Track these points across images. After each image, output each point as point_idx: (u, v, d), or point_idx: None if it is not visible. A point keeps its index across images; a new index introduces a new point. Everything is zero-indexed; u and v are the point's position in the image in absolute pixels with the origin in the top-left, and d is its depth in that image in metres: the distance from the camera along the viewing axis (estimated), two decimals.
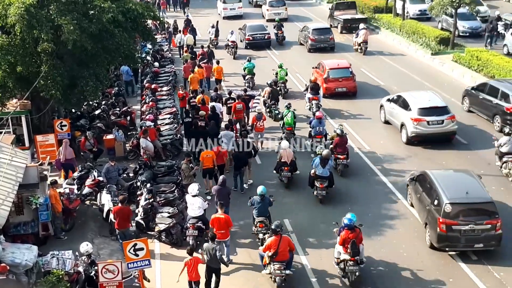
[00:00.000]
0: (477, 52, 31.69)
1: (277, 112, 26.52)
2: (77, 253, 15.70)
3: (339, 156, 21.35)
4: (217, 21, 42.36)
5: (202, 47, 36.71)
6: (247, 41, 39.50)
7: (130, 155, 23.75)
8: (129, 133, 25.72)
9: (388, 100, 25.92)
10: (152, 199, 18.37)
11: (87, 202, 20.03)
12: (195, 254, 14.88)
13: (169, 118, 25.86)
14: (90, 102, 25.40)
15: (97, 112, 26.36)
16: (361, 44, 37.01)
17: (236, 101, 25.43)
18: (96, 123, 25.35)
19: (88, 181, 20.02)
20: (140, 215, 18.23)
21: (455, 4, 33.96)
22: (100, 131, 24.80)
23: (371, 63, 35.17)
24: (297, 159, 21.21)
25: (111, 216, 17.58)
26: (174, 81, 32.09)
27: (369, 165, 22.41)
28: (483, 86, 26.07)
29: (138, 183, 19.87)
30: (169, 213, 17.98)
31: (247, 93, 26.93)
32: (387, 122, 25.86)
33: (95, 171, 20.36)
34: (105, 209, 18.54)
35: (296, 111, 25.23)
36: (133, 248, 14.28)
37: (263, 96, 27.55)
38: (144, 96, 29.03)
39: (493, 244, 16.17)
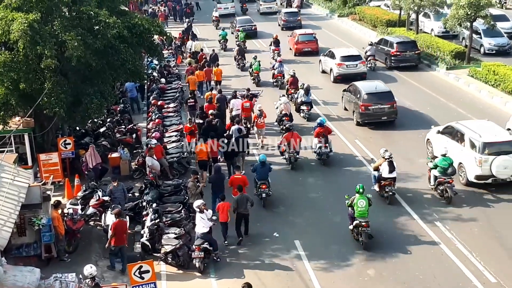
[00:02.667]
0: (494, 67, 31.57)
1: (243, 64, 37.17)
2: (80, 276, 15.61)
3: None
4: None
5: (202, 50, 40.60)
6: (237, 32, 46.00)
7: (136, 174, 23.75)
8: (134, 151, 25.73)
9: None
10: (158, 220, 18.30)
11: (91, 223, 20.00)
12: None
13: (175, 136, 25.88)
14: (95, 120, 25.37)
15: (102, 129, 26.43)
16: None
17: (244, 100, 27.68)
18: (101, 141, 25.42)
19: (92, 201, 20.03)
20: (146, 236, 18.15)
21: (470, 18, 33.91)
22: (105, 149, 24.84)
23: (383, 79, 34.86)
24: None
25: (109, 232, 17.38)
26: (181, 98, 32.19)
27: None
28: None
29: (144, 203, 19.85)
30: (175, 234, 17.90)
31: (250, 92, 28.94)
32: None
33: (100, 191, 20.36)
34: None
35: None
36: (138, 270, 14.21)
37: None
38: (150, 113, 29.10)
39: (393, 117, 27.19)
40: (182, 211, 19.16)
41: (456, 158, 21.20)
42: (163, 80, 34.46)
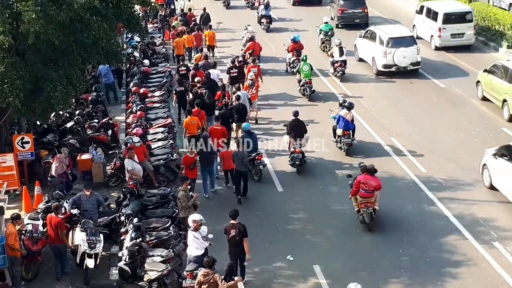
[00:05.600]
0: None
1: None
2: None
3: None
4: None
5: (190, 9, 42.43)
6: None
7: (112, 180, 23.81)
8: (110, 152, 25.82)
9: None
10: (140, 239, 18.33)
11: None
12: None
13: (162, 133, 25.89)
14: (60, 112, 25.48)
15: (69, 124, 26.51)
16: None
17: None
18: (68, 139, 25.44)
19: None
20: (125, 260, 18.17)
21: None
22: (72, 150, 24.82)
23: (426, 60, 35.10)
24: None
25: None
26: (169, 84, 32.25)
27: (425, 194, 22.34)
28: None
29: (122, 218, 19.86)
30: (162, 256, 17.93)
31: (240, 60, 31.94)
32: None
33: (66, 202, 20.40)
34: (79, 252, 18.53)
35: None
36: None
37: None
38: (131, 104, 29.16)
39: (364, 21, 41.41)
40: (171, 228, 19.17)
41: (370, 54, 34.33)
42: (146, 61, 34.55)
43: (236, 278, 15.97)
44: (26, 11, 19.19)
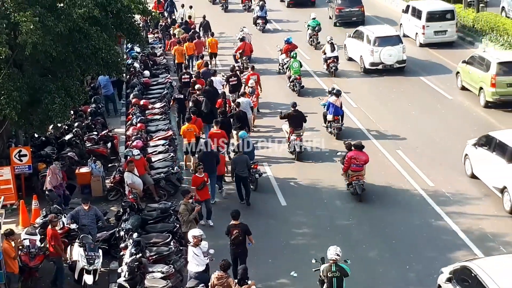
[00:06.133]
0: None
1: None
2: None
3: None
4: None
5: (190, 17, 43.47)
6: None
7: (111, 194, 23.73)
8: (109, 165, 25.78)
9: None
10: (141, 254, 18.21)
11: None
12: None
13: (163, 145, 25.86)
14: (58, 124, 25.45)
15: (67, 137, 26.45)
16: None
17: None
18: (67, 151, 25.38)
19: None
20: (124, 276, 18.04)
21: None
22: (71, 163, 24.82)
23: (435, 69, 35.52)
24: None
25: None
26: (170, 95, 32.19)
27: (433, 208, 22.26)
28: None
29: (122, 233, 19.75)
30: (162, 273, 17.84)
31: (236, 70, 32.38)
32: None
33: (65, 216, 20.30)
34: (77, 268, 18.44)
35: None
36: None
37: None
38: (131, 116, 29.13)
39: (361, 19, 44.17)
40: (171, 243, 19.09)
41: (357, 53, 36.41)
42: (146, 72, 34.51)
43: (249, 282, 16.01)
44: (24, 21, 19.17)
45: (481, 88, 30.21)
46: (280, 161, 26.32)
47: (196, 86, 29.34)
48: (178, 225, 20.00)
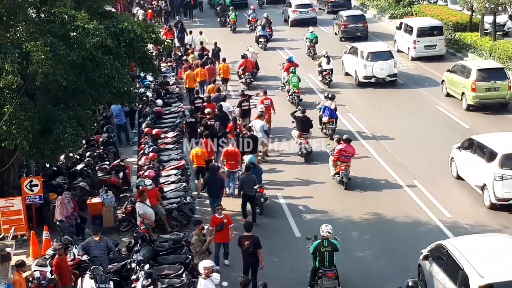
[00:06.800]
0: None
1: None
2: None
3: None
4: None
5: (202, 43, 44.49)
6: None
7: (123, 225, 23.75)
8: (121, 195, 25.78)
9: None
10: (152, 287, 18.16)
11: None
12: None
13: (175, 175, 25.89)
14: (70, 154, 25.51)
15: (79, 167, 26.51)
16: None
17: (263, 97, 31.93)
18: (78, 181, 25.47)
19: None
20: None
21: None
22: (82, 193, 24.87)
23: (449, 99, 35.52)
24: None
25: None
26: (183, 125, 32.25)
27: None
28: None
29: (133, 264, 19.73)
30: None
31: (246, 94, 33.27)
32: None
33: (76, 248, 20.29)
34: None
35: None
36: None
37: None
38: (143, 145, 29.18)
39: (364, 34, 49.32)
40: (184, 275, 19.03)
41: (352, 67, 39.52)
42: (159, 101, 34.65)
43: None
44: (35, 51, 19.24)
45: (463, 93, 33.78)
46: (292, 184, 27.02)
47: (206, 111, 30.06)
48: (190, 257, 19.93)
